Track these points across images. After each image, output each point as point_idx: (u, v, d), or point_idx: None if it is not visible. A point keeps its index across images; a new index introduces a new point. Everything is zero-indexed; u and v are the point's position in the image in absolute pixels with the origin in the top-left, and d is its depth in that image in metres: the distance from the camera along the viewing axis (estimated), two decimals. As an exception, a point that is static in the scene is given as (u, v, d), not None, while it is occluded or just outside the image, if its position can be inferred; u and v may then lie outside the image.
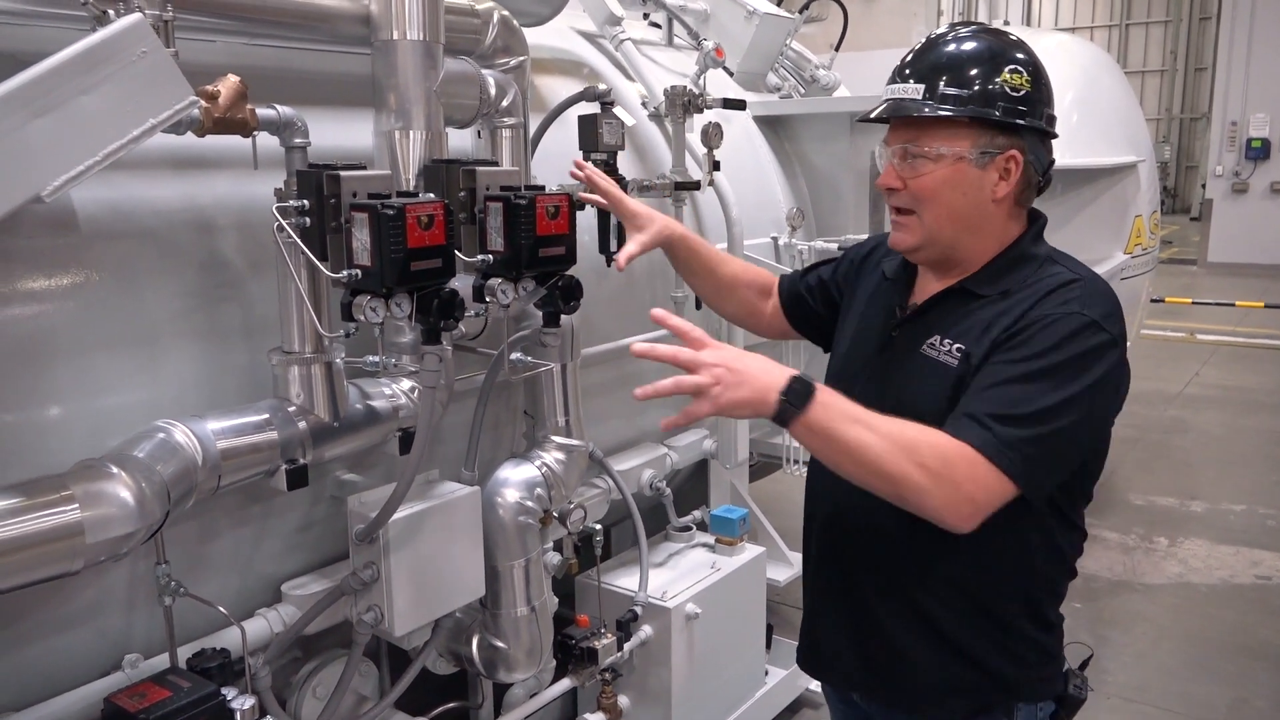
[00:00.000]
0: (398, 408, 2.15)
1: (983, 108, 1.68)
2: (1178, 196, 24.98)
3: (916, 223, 1.75)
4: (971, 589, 1.76)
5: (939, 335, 1.75)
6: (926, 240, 1.76)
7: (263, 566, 2.18)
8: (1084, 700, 1.85)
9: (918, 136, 1.71)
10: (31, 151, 1.47)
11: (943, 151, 1.69)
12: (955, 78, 1.69)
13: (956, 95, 1.68)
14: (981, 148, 1.69)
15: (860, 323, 1.97)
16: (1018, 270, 1.75)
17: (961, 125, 1.69)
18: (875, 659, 1.86)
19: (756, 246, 3.60)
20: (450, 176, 2.12)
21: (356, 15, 2.09)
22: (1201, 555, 5.29)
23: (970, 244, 1.76)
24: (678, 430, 3.45)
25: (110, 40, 1.54)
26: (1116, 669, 4.16)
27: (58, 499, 1.55)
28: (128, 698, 1.74)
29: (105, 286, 1.87)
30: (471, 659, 2.48)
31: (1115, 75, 5.56)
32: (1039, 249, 1.79)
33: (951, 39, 1.77)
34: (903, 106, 1.73)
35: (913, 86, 1.71)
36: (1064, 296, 1.65)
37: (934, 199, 1.72)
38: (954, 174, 1.70)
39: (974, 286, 1.75)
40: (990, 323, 1.69)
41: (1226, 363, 9.58)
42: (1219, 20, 17.68)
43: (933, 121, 1.70)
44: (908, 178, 1.73)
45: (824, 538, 1.94)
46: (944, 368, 1.71)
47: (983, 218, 1.74)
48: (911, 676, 1.82)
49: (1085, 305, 1.63)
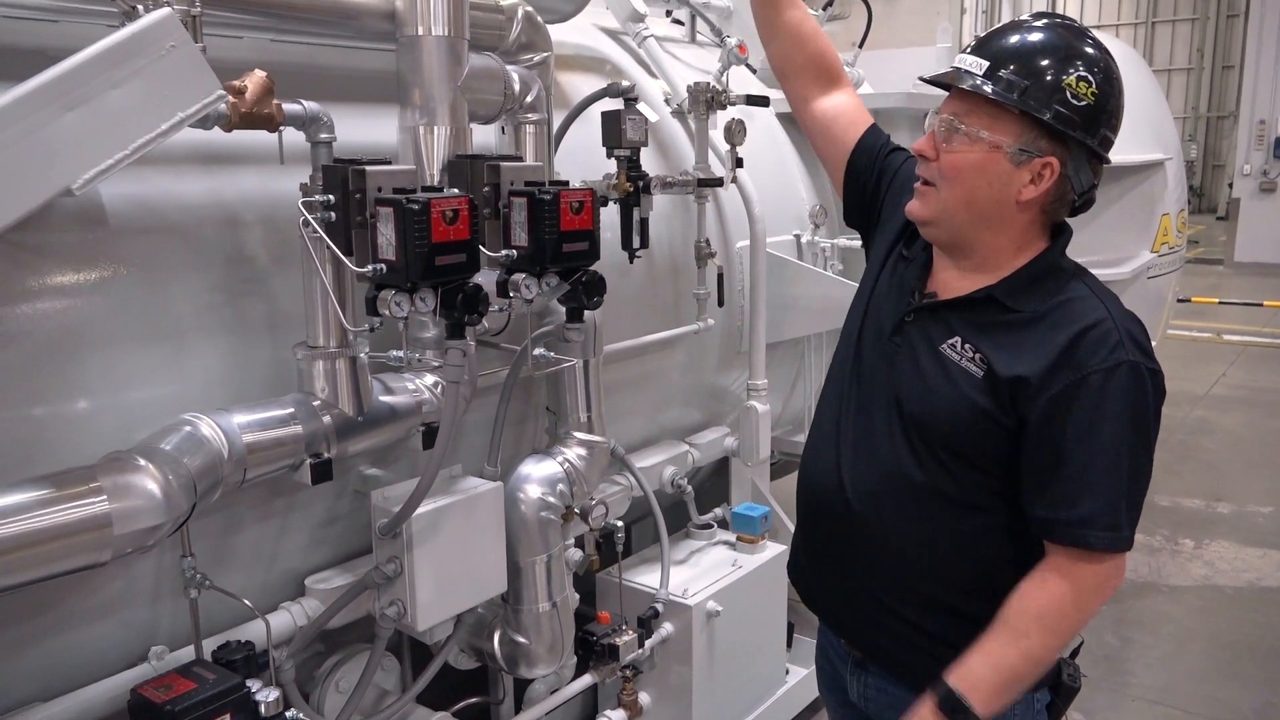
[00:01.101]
0: (421, 403, 2.15)
1: (1035, 104, 1.62)
2: (1204, 196, 24.73)
3: (935, 196, 1.72)
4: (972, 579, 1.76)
5: (960, 338, 1.72)
6: (937, 217, 1.73)
7: (287, 560, 2.19)
8: (1078, 690, 1.85)
9: (966, 113, 1.67)
10: (62, 145, 1.49)
11: (982, 135, 1.65)
12: (1021, 66, 1.64)
13: (1013, 83, 1.62)
14: (1022, 145, 1.64)
15: (876, 289, 1.92)
16: (1045, 284, 1.71)
17: (1010, 115, 1.64)
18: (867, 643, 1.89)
19: (779, 244, 3.59)
20: (475, 172, 2.12)
21: (382, 11, 2.09)
22: (1228, 557, 5.23)
23: (984, 238, 1.73)
24: (698, 428, 3.45)
25: (139, 35, 1.56)
26: (1142, 671, 4.12)
27: (86, 490, 1.57)
28: (154, 689, 1.76)
29: (133, 281, 1.89)
30: (493, 654, 2.48)
31: (1142, 72, 5.49)
32: (1065, 262, 1.76)
33: (1036, 27, 1.71)
34: (958, 76, 1.68)
35: (977, 61, 1.66)
36: (1107, 343, 1.62)
37: (956, 179, 1.68)
38: (985, 161, 1.66)
39: (1003, 298, 1.72)
40: (1020, 346, 1.66)
41: (1253, 363, 9.47)
42: (1247, 18, 17.50)
43: (982, 101, 1.65)
44: (942, 150, 1.70)
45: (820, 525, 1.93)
46: (967, 374, 1.69)
47: (1001, 215, 1.70)
48: (909, 656, 1.82)
49: (1128, 349, 1.62)
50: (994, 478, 1.71)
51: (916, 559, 1.77)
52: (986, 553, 1.74)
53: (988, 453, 1.70)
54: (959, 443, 1.71)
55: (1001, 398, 1.66)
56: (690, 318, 3.20)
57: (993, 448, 1.69)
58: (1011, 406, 1.65)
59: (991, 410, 1.67)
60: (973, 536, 1.74)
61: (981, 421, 1.68)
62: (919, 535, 1.76)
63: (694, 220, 3.16)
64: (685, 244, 3.19)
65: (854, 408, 1.86)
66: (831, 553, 1.92)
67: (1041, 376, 1.63)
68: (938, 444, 1.72)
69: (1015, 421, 1.66)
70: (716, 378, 3.47)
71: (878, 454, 1.79)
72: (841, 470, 1.84)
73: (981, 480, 1.72)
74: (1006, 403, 1.66)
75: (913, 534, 1.76)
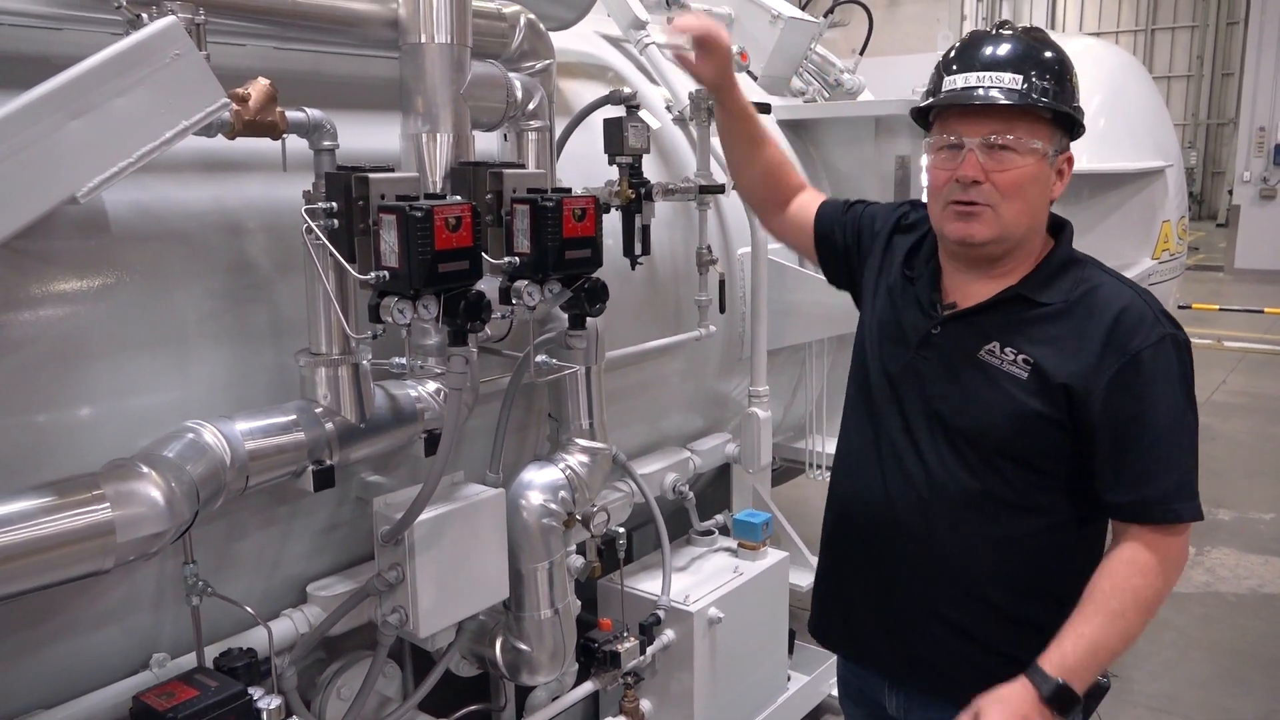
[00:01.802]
0: (423, 409, 2.16)
1: (1071, 107, 1.72)
2: (1204, 202, 24.75)
3: (993, 216, 1.71)
4: (1010, 594, 1.76)
5: (998, 343, 1.73)
6: (1002, 235, 1.73)
7: (289, 567, 2.19)
8: (1108, 688, 1.85)
9: (1007, 129, 1.68)
10: (67, 153, 1.49)
11: (1034, 146, 1.69)
12: (1045, 73, 1.69)
13: (1051, 90, 1.68)
14: (1056, 146, 1.72)
15: (885, 314, 1.93)
16: (1067, 275, 1.76)
17: (1044, 121, 1.70)
18: (911, 654, 1.87)
19: (781, 250, 3.59)
20: (477, 179, 2.13)
21: (385, 19, 2.10)
22: (1230, 564, 5.22)
23: (1031, 242, 1.78)
24: (700, 434, 3.45)
25: (144, 43, 1.56)
26: (1144, 678, 4.11)
27: (89, 498, 1.57)
28: (156, 696, 1.76)
29: (136, 288, 1.89)
30: (495, 661, 2.48)
31: (1142, 80, 5.51)
32: (1076, 253, 1.81)
33: (1028, 37, 1.76)
34: (1009, 95, 1.68)
35: (1009, 76, 1.68)
36: (1145, 321, 1.69)
37: (1019, 194, 1.70)
38: (1038, 169, 1.71)
39: (1031, 293, 1.74)
40: (1062, 340, 1.70)
41: (1254, 370, 9.48)
42: (1246, 25, 17.51)
43: (1021, 114, 1.68)
44: (991, 170, 1.69)
45: (859, 547, 1.93)
46: (1012, 378, 1.71)
47: (1042, 216, 1.78)
48: (946, 675, 1.82)
49: (1164, 323, 1.70)
50: (1052, 476, 1.73)
51: (976, 567, 1.77)
52: (1048, 553, 1.75)
53: (1046, 452, 1.71)
54: (1015, 447, 1.72)
55: (1053, 395, 1.68)
56: (692, 324, 3.20)
57: (1051, 446, 1.71)
58: (1065, 402, 1.68)
59: (1044, 410, 1.68)
60: (1035, 537, 1.75)
61: (1035, 422, 1.69)
62: (979, 543, 1.76)
63: (695, 227, 3.16)
64: (687, 251, 3.19)
65: (891, 426, 1.85)
66: (876, 575, 1.90)
67: (1092, 366, 1.66)
68: (992, 451, 1.73)
69: (1069, 417, 1.68)
70: (718, 384, 3.47)
71: (926, 468, 1.79)
72: (887, 488, 1.84)
73: (1039, 480, 1.73)
74: (1060, 399, 1.68)
75: (973, 543, 1.76)
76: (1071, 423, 1.69)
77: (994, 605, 1.78)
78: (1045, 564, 1.76)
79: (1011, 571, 1.76)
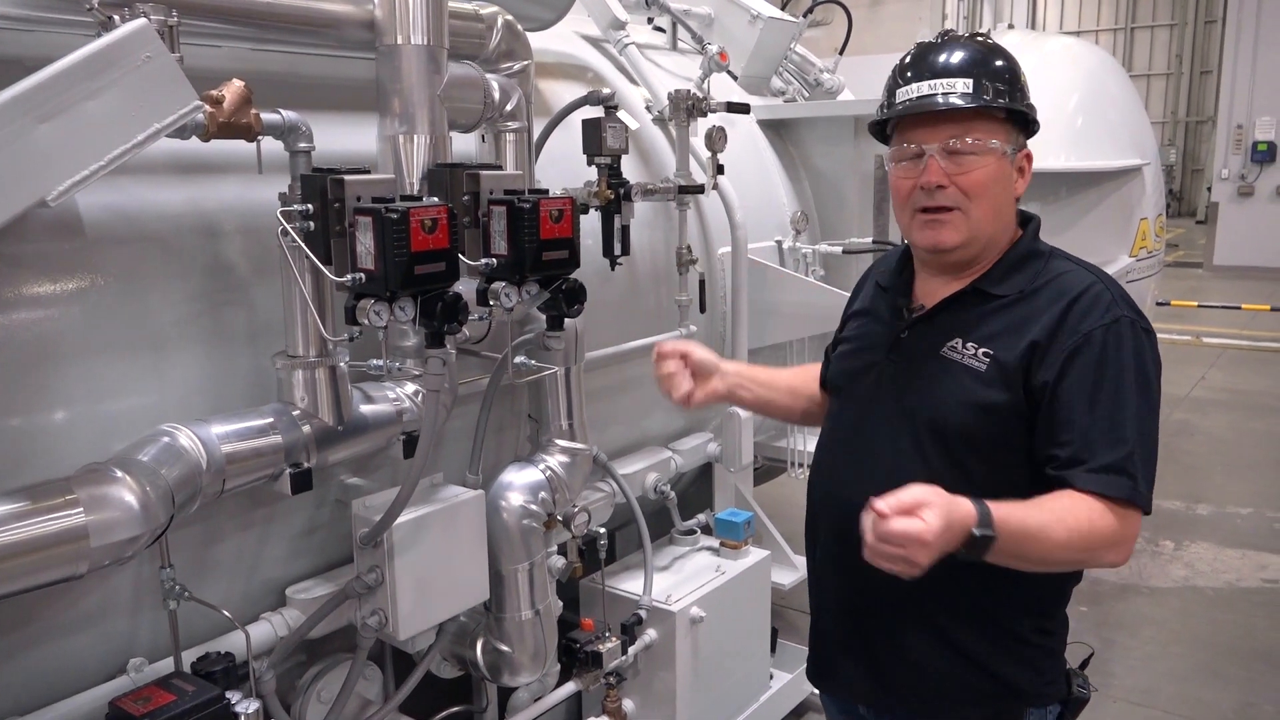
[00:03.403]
0: (402, 411, 2.15)
1: (1026, 105, 1.75)
2: (1184, 200, 24.92)
3: (961, 219, 1.74)
4: (986, 598, 1.76)
5: (959, 338, 1.75)
6: (971, 236, 1.75)
7: (267, 570, 2.18)
8: (1088, 700, 1.85)
9: (964, 131, 1.72)
10: (37, 156, 1.48)
11: (993, 145, 1.72)
12: (996, 75, 1.73)
13: (1004, 90, 1.73)
14: (1013, 144, 1.76)
15: (861, 328, 1.97)
16: (1027, 268, 1.78)
17: (999, 121, 1.74)
18: (886, 673, 1.85)
19: (761, 250, 3.60)
20: (454, 180, 2.13)
21: (361, 20, 2.09)
22: (1208, 559, 5.27)
23: (1001, 240, 1.80)
24: (681, 434, 3.45)
25: (115, 45, 1.55)
26: (1123, 673, 4.14)
27: (62, 503, 1.56)
28: (132, 702, 1.75)
29: (110, 291, 1.88)
30: (476, 663, 2.48)
31: (1120, 79, 5.54)
32: (1040, 245, 1.83)
33: (975, 43, 1.79)
34: (964, 99, 1.71)
35: (961, 81, 1.72)
36: (1100, 303, 1.69)
37: (984, 194, 1.73)
38: (999, 168, 1.74)
39: (988, 287, 1.77)
40: (1018, 327, 1.71)
41: (1233, 366, 9.55)
42: (1224, 24, 17.64)
43: (975, 116, 1.72)
44: (954, 174, 1.72)
45: (832, 549, 1.92)
46: (972, 371, 1.72)
47: (1009, 214, 1.80)
48: (924, 689, 1.81)
49: (1122, 306, 1.70)
50: (1019, 470, 1.71)
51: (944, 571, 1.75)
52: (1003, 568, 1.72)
53: (1010, 444, 1.71)
54: (978, 440, 1.71)
55: (1012, 382, 1.68)
56: (672, 324, 3.21)
57: (1015, 438, 1.70)
58: (1023, 390, 1.68)
59: (1004, 400, 1.68)
60: None
61: (994, 414, 1.69)
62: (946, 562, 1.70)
63: (675, 227, 3.17)
64: (667, 251, 3.20)
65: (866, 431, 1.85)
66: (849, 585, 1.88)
67: (1044, 344, 1.67)
68: (957, 445, 1.73)
69: (1026, 401, 1.68)
70: (699, 384, 3.47)
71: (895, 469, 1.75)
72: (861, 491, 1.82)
73: (1007, 476, 1.71)
74: (1018, 385, 1.68)
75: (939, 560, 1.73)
76: (1030, 409, 1.68)
77: (963, 612, 1.77)
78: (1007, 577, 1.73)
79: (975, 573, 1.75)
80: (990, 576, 1.72)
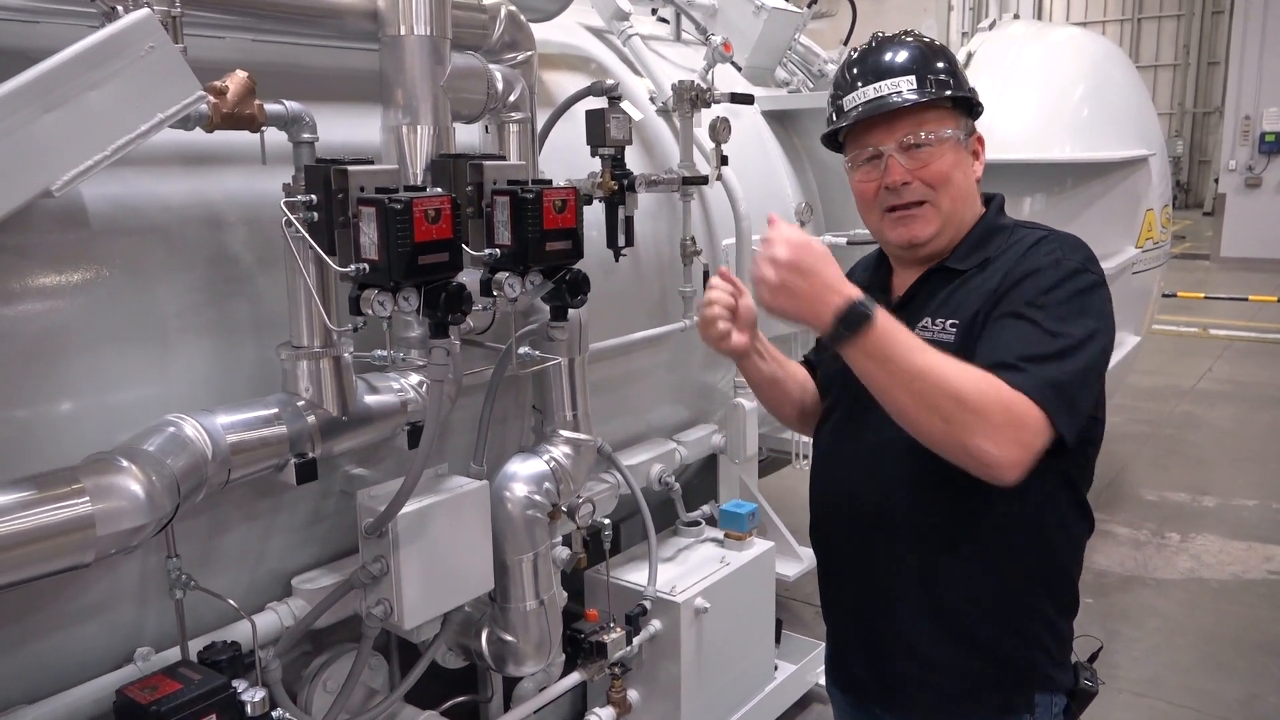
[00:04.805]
0: (406, 402, 2.16)
1: (969, 91, 1.79)
2: (1191, 191, 24.84)
3: (932, 211, 1.75)
4: (992, 578, 1.75)
5: (929, 317, 1.76)
6: (944, 224, 1.77)
7: (273, 560, 2.19)
8: (1095, 693, 1.85)
9: (917, 126, 1.74)
10: (41, 146, 1.49)
11: (946, 134, 1.75)
12: (934, 68, 1.76)
13: (945, 81, 1.76)
14: (964, 129, 1.79)
15: None
16: (991, 241, 1.79)
17: (947, 110, 1.77)
18: (896, 667, 1.84)
19: (765, 241, 3.59)
20: (457, 171, 2.13)
21: (364, 11, 2.09)
22: (1214, 550, 5.26)
23: (967, 223, 1.81)
24: (686, 425, 3.45)
25: (118, 36, 1.55)
26: (1128, 664, 4.14)
27: (69, 492, 1.57)
28: (139, 690, 1.76)
29: (115, 282, 1.88)
30: (481, 653, 2.49)
31: (1126, 69, 5.51)
32: (1004, 220, 1.85)
33: (907, 40, 1.82)
34: (913, 94, 1.73)
35: (904, 80, 1.74)
36: (1045, 249, 1.70)
37: (948, 181, 1.75)
38: (956, 155, 1.77)
39: (953, 264, 1.79)
40: (978, 288, 1.72)
41: (1239, 358, 9.53)
42: (1231, 14, 17.55)
43: (923, 110, 1.74)
44: (914, 169, 1.74)
45: (841, 548, 1.92)
46: (941, 345, 1.67)
47: (974, 198, 1.83)
48: (933, 681, 1.80)
49: (1067, 253, 1.69)
50: None
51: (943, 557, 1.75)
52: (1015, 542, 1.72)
53: None
54: None
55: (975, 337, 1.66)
56: (676, 315, 3.21)
57: None
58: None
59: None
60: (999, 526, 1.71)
61: None
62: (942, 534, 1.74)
63: (679, 218, 3.17)
64: (671, 242, 3.20)
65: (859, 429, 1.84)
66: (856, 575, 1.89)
67: (994, 288, 1.68)
68: None
69: None
70: (703, 375, 3.48)
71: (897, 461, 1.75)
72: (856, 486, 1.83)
73: None
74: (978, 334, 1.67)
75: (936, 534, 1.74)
76: None
77: (972, 598, 1.75)
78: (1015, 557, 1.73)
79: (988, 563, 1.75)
80: (996, 551, 1.73)
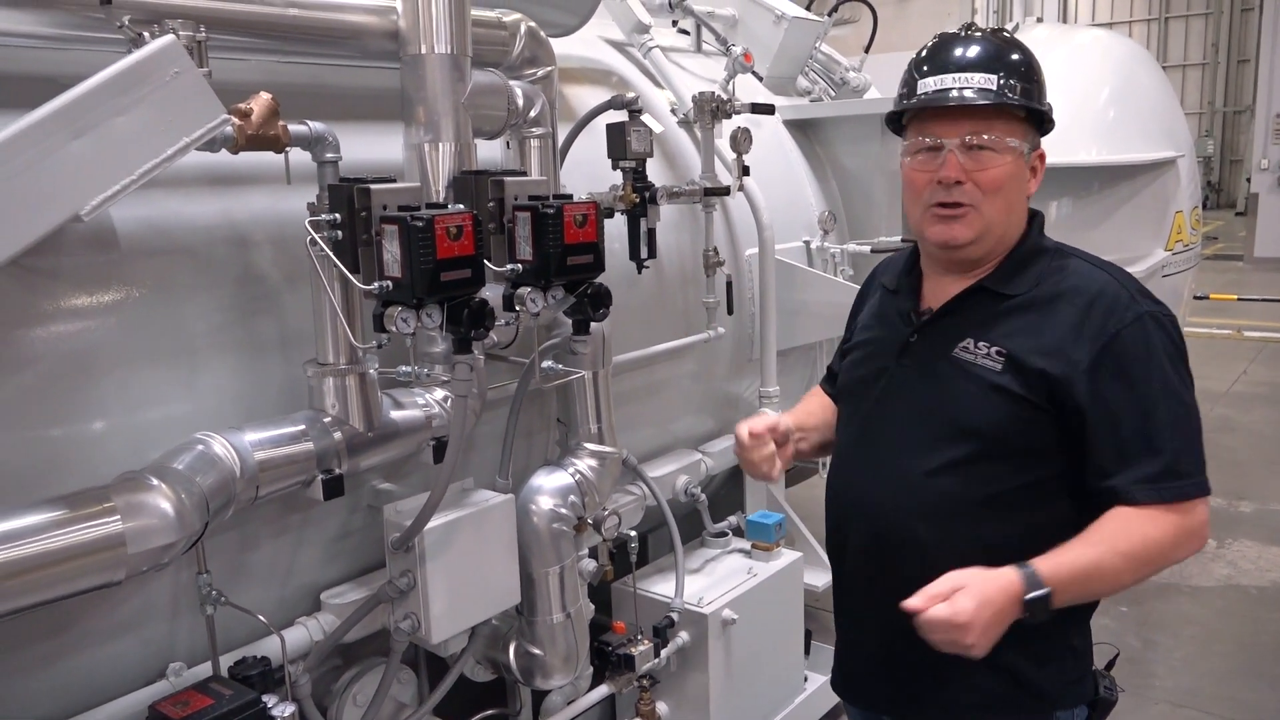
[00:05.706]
0: (431, 417, 2.17)
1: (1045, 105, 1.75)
2: (1222, 191, 24.54)
3: (976, 215, 1.72)
4: None
5: (971, 338, 1.73)
6: (983, 233, 1.73)
7: (302, 575, 2.21)
8: (1115, 702, 1.82)
9: (984, 128, 1.70)
10: (70, 172, 1.52)
11: (1011, 143, 1.71)
12: (1017, 71, 1.72)
13: (1024, 88, 1.71)
14: (1030, 143, 1.74)
15: (870, 333, 1.95)
16: (1034, 265, 1.76)
17: (1017, 119, 1.72)
18: (911, 682, 1.82)
19: (788, 250, 3.59)
20: (479, 187, 2.14)
21: (385, 31, 2.12)
22: (1251, 557, 5.17)
23: (1010, 239, 1.78)
24: (711, 436, 3.45)
25: (144, 62, 1.58)
26: (1165, 673, 4.08)
27: (100, 510, 1.59)
28: (171, 705, 1.78)
29: (145, 302, 1.91)
30: (509, 666, 2.49)
31: (1152, 70, 5.46)
32: (1046, 241, 1.82)
33: (996, 38, 1.78)
34: (984, 94, 1.69)
35: (981, 76, 1.70)
36: (1120, 303, 1.68)
37: (1000, 192, 1.72)
38: (1016, 167, 1.73)
39: (996, 286, 1.76)
40: (1035, 329, 1.69)
41: (1275, 360, 9.37)
42: (1261, 10, 17.33)
43: (996, 113, 1.70)
44: (971, 170, 1.70)
45: (857, 559, 1.90)
46: (986, 370, 1.70)
47: (1021, 212, 1.79)
48: (949, 697, 1.78)
49: (1137, 297, 1.69)
50: (1039, 469, 1.69)
51: None
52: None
53: (1030, 443, 1.68)
54: (997, 440, 1.69)
55: (1030, 382, 1.66)
56: (700, 326, 3.21)
57: (1034, 436, 1.68)
58: (1045, 389, 1.66)
59: (1022, 394, 1.66)
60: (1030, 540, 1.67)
61: (1014, 411, 1.67)
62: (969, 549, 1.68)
63: (702, 229, 3.17)
64: (694, 253, 3.20)
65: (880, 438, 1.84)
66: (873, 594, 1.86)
67: (1070, 352, 1.65)
68: (978, 445, 1.70)
69: (1050, 404, 1.66)
70: (728, 385, 3.48)
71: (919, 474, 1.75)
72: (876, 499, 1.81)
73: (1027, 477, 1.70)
74: (1038, 386, 1.66)
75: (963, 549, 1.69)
76: (1055, 410, 1.66)
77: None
78: None
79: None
80: None
